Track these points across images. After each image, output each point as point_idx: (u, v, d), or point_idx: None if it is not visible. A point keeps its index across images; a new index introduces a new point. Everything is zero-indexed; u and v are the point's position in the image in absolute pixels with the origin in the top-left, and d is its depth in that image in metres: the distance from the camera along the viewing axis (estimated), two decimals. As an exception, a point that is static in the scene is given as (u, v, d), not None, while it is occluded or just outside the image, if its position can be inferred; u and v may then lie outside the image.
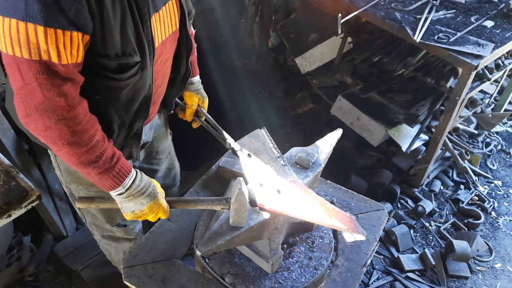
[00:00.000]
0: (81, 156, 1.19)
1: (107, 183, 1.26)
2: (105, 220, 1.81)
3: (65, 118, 1.12)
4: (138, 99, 1.39)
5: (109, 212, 1.77)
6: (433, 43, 2.38)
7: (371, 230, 1.73)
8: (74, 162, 1.21)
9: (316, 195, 1.45)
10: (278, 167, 1.50)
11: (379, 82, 2.98)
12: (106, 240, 1.95)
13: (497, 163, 3.41)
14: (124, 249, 1.97)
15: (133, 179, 1.30)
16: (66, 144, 1.16)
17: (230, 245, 1.46)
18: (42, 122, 1.12)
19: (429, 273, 2.60)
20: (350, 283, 1.54)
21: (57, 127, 1.13)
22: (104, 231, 1.90)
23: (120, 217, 1.84)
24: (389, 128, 2.86)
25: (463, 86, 2.39)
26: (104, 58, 1.18)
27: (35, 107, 1.09)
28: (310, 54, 3.31)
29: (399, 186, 3.00)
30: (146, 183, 1.34)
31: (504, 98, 3.54)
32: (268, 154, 1.55)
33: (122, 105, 1.35)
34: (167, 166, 2.03)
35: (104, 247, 2.03)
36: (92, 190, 1.65)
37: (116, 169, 1.25)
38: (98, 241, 2.02)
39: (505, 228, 2.92)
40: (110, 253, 2.04)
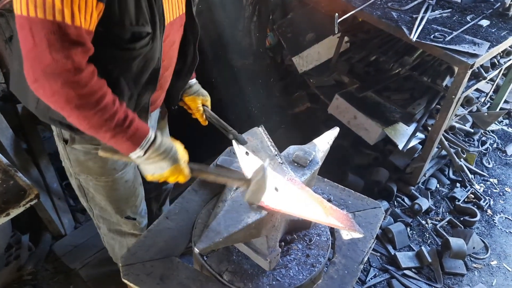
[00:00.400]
0: (91, 119, 1.19)
1: (124, 146, 1.26)
2: (115, 211, 1.81)
3: (71, 81, 1.12)
4: (147, 70, 1.42)
5: (118, 203, 1.79)
6: (429, 42, 2.40)
7: (368, 228, 1.75)
8: (86, 126, 1.21)
9: (313, 193, 1.46)
10: (275, 165, 1.51)
11: (376, 81, 2.99)
12: (112, 234, 1.95)
13: (492, 161, 3.43)
14: (128, 245, 1.97)
15: (151, 141, 1.28)
16: (74, 108, 1.16)
17: (228, 243, 1.47)
18: (49, 86, 1.12)
19: (426, 271, 2.62)
20: (347, 280, 1.55)
21: (63, 91, 1.12)
22: (111, 225, 1.90)
23: (130, 210, 1.85)
24: (385, 127, 2.87)
25: (459, 84, 2.41)
26: (119, 27, 1.21)
27: (43, 70, 1.10)
28: (307, 53, 3.32)
29: (395, 184, 3.02)
30: (168, 147, 1.32)
31: (500, 97, 3.56)
32: (265, 152, 1.56)
33: (132, 76, 1.38)
34: None
35: (108, 242, 2.03)
36: (101, 180, 1.66)
37: (130, 132, 1.24)
38: (103, 236, 2.02)
39: (501, 225, 2.94)
40: (113, 248, 2.04)
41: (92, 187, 1.72)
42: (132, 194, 1.81)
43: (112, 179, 1.68)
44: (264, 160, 1.48)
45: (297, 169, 1.58)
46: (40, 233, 2.48)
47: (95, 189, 1.72)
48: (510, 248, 2.80)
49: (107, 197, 1.75)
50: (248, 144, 1.60)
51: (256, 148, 1.58)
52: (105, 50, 1.23)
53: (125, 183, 1.74)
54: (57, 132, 1.58)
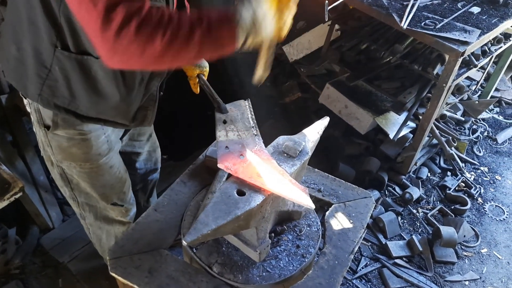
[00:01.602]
0: (182, 35, 1.06)
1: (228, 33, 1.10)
2: (100, 197, 1.78)
3: (141, 21, 1.01)
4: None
5: (104, 189, 1.75)
6: (420, 29, 2.37)
7: (358, 218, 1.74)
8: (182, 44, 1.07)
9: (277, 166, 1.46)
10: (249, 136, 1.57)
11: (367, 69, 2.97)
12: (99, 222, 1.90)
13: (483, 149, 3.44)
14: (116, 233, 1.94)
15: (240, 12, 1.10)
16: (162, 40, 1.04)
17: (217, 235, 1.45)
18: (127, 42, 1.01)
19: (417, 259, 2.63)
20: (337, 271, 1.54)
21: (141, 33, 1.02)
22: (98, 212, 1.86)
23: (117, 196, 1.81)
24: (376, 116, 2.86)
25: (449, 72, 2.39)
26: None
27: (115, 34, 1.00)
28: (298, 42, 3.29)
29: (386, 173, 3.01)
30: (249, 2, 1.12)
31: (491, 85, 3.56)
32: (243, 123, 1.62)
33: None
34: (148, 149, 2.01)
35: (94, 233, 1.98)
36: (86, 166, 1.63)
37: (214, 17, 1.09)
38: (88, 227, 1.96)
39: (491, 213, 2.96)
40: (100, 239, 1.99)
41: (76, 174, 1.68)
42: (118, 180, 1.78)
43: (97, 165, 1.65)
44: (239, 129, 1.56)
45: (286, 159, 1.56)
46: (27, 227, 2.44)
47: (79, 176, 1.68)
48: (500, 236, 2.82)
49: (92, 184, 1.72)
50: (228, 113, 1.67)
51: (235, 118, 1.65)
52: None
53: (110, 169, 1.71)
54: (36, 118, 1.52)
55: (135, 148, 1.94)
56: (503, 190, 3.13)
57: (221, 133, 1.58)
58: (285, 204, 1.63)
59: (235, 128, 1.60)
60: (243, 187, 1.41)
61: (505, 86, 3.88)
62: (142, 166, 2.06)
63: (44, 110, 1.47)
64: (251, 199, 1.36)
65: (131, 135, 1.88)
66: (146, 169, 2.09)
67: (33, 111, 1.50)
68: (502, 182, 3.19)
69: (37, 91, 1.38)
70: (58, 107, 1.42)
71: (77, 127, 1.50)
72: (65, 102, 1.40)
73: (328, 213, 1.75)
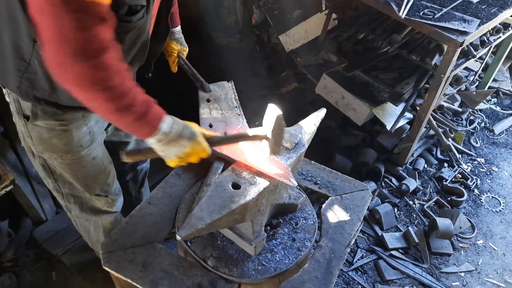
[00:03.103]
0: (119, 101, 1.13)
1: (145, 129, 1.22)
2: (83, 188, 1.75)
3: (99, 61, 1.06)
4: (139, 43, 1.42)
5: (86, 180, 1.73)
6: (418, 19, 2.34)
7: (354, 210, 1.72)
8: (112, 109, 1.15)
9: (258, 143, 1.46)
10: (232, 115, 1.61)
11: (364, 60, 2.93)
12: (86, 214, 1.88)
13: (480, 140, 3.43)
14: (104, 224, 1.92)
15: (168, 123, 1.25)
16: (101, 90, 1.10)
17: (212, 229, 1.43)
18: (75, 69, 1.06)
19: (413, 251, 2.62)
20: (333, 264, 1.53)
21: (89, 72, 1.07)
22: (83, 203, 1.84)
23: (100, 188, 1.79)
24: (373, 107, 2.83)
25: (448, 63, 2.36)
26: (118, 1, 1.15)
27: (68, 52, 1.04)
28: (295, 31, 3.24)
29: (383, 165, 3.00)
30: (182, 125, 1.29)
31: (489, 76, 3.54)
32: (227, 103, 1.65)
33: (125, 49, 1.36)
34: (136, 139, 1.98)
35: (82, 225, 1.96)
36: (67, 158, 1.60)
37: (152, 114, 1.20)
38: (75, 220, 1.94)
39: (488, 205, 2.95)
40: (88, 231, 1.97)
41: (58, 165, 1.65)
42: (101, 172, 1.75)
43: (79, 156, 1.62)
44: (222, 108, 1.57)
45: (282, 152, 1.54)
46: (20, 219, 2.41)
47: (61, 167, 1.66)
48: (496, 227, 2.82)
49: (74, 175, 1.69)
50: (212, 93, 1.70)
51: (219, 98, 1.68)
52: None
53: (92, 160, 1.68)
54: (16, 108, 1.50)
55: (122, 138, 1.91)
56: (500, 182, 3.12)
57: (205, 110, 1.61)
58: (281, 197, 1.61)
59: (219, 107, 1.62)
60: (239, 180, 1.38)
61: (503, 77, 3.86)
62: None
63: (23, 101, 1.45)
64: (246, 193, 1.34)
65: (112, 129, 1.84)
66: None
67: (12, 101, 1.48)
68: (499, 173, 3.18)
69: (16, 83, 1.37)
70: (38, 99, 1.40)
71: (57, 118, 1.48)
72: (45, 94, 1.38)
73: (324, 205, 1.73)
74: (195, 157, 1.33)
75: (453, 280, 2.51)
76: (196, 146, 1.30)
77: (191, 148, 1.29)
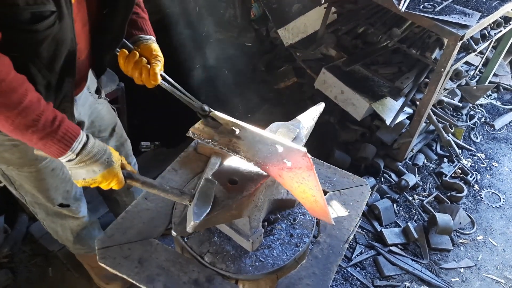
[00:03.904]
0: (15, 120, 1.07)
1: (52, 149, 1.15)
2: (45, 200, 1.71)
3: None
4: (61, 55, 1.26)
5: (48, 192, 1.68)
6: (418, 12, 2.31)
7: (353, 206, 1.70)
8: (9, 128, 1.09)
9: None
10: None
11: (364, 54, 2.91)
12: (52, 217, 1.85)
13: (480, 135, 3.41)
14: (71, 227, 1.89)
15: (83, 143, 1.19)
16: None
17: (209, 225, 1.42)
18: None
19: (412, 247, 2.61)
20: (332, 260, 1.51)
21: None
22: (48, 209, 1.80)
23: (62, 197, 1.74)
24: (373, 102, 2.81)
25: (448, 57, 2.34)
26: (13, 7, 1.05)
27: None
28: (293, 25, 3.21)
29: (382, 160, 2.98)
30: (100, 149, 1.23)
31: (489, 70, 3.51)
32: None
33: (44, 62, 1.23)
34: (115, 144, 1.93)
35: (49, 226, 1.92)
36: (24, 170, 1.55)
37: (60, 133, 1.14)
38: (42, 221, 1.91)
39: (487, 200, 2.93)
40: (56, 231, 1.94)
41: (16, 177, 1.60)
42: (61, 181, 1.70)
43: (36, 169, 1.56)
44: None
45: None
46: (16, 215, 2.39)
47: (20, 179, 1.61)
48: (496, 223, 2.80)
49: (34, 187, 1.64)
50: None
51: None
52: (5, 33, 1.07)
53: (51, 172, 1.62)
54: None
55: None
56: (500, 177, 3.10)
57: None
58: (279, 192, 1.59)
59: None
60: (235, 175, 1.36)
61: (503, 72, 3.83)
62: None
63: None
64: (243, 188, 1.32)
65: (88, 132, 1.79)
66: None
67: None
68: (499, 169, 3.16)
69: None
70: None
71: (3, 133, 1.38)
72: None
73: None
74: (104, 185, 1.27)
75: (452, 276, 2.49)
76: (108, 175, 1.24)
77: (102, 175, 1.23)
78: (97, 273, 2.15)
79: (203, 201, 1.25)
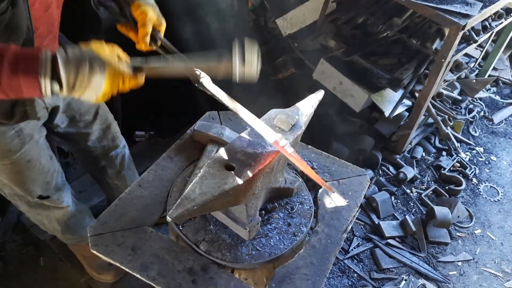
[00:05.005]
0: None
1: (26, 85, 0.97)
2: (23, 193, 1.66)
3: None
4: (16, 43, 1.16)
5: (25, 185, 1.63)
6: (420, 1, 2.27)
7: (352, 196, 1.67)
8: None
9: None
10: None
11: (363, 44, 2.87)
12: (35, 209, 1.79)
13: (479, 129, 3.38)
14: (56, 217, 1.84)
15: (49, 59, 0.98)
16: None
17: (204, 211, 1.38)
18: None
19: (410, 240, 2.58)
20: (330, 249, 1.48)
21: None
22: (29, 201, 1.74)
23: (41, 188, 1.68)
24: (372, 93, 2.77)
25: (449, 47, 2.30)
26: None
27: None
28: (292, 15, 3.16)
29: (380, 152, 2.94)
30: (82, 55, 0.99)
31: (489, 64, 3.49)
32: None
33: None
34: (100, 127, 1.87)
35: (34, 218, 1.86)
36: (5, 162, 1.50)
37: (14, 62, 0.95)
38: (26, 213, 1.85)
39: (486, 194, 2.91)
40: (43, 223, 1.89)
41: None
42: (39, 173, 1.64)
43: (11, 161, 1.51)
44: None
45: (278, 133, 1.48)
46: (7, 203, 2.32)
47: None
48: (494, 217, 2.78)
49: (10, 180, 1.59)
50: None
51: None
52: None
53: (28, 163, 1.56)
54: None
55: (81, 129, 1.80)
56: (498, 171, 3.08)
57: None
58: (277, 181, 1.56)
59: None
60: (233, 161, 1.32)
61: (503, 65, 3.81)
62: (97, 145, 1.92)
63: None
64: (240, 174, 1.28)
65: (70, 117, 1.72)
66: (103, 147, 1.95)
67: None
68: (497, 163, 3.14)
69: None
70: None
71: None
72: None
73: (321, 190, 1.67)
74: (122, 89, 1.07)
75: (450, 269, 2.47)
76: (114, 77, 1.02)
77: (108, 82, 1.02)
78: (89, 263, 2.11)
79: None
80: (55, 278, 2.17)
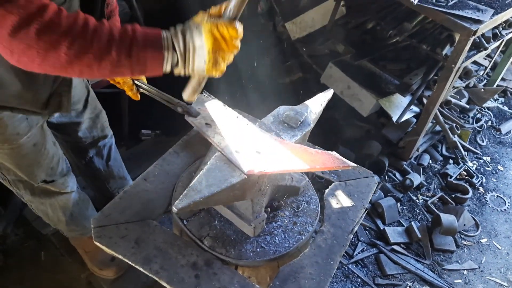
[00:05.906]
0: (91, 49, 0.98)
1: (149, 58, 1.03)
2: (27, 177, 1.64)
3: (44, 25, 0.93)
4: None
5: (30, 169, 1.61)
6: (431, 6, 2.26)
7: (359, 197, 1.65)
8: (94, 59, 0.99)
9: (294, 144, 1.37)
10: (243, 127, 1.39)
11: (372, 49, 2.86)
12: (39, 198, 1.77)
13: (486, 139, 3.36)
14: (61, 205, 1.82)
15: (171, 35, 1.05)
16: (69, 50, 0.96)
17: (210, 204, 1.36)
18: (25, 45, 0.94)
19: (415, 247, 2.55)
20: (335, 250, 1.45)
21: (43, 39, 0.94)
22: (33, 187, 1.72)
23: (46, 173, 1.67)
24: (380, 98, 2.76)
25: (459, 53, 2.29)
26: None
27: (10, 33, 0.92)
28: (301, 19, 3.17)
29: (387, 158, 2.92)
30: (184, 26, 1.06)
31: (497, 74, 3.47)
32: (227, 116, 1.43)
33: None
34: (89, 116, 1.87)
35: (38, 208, 1.84)
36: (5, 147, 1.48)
37: (141, 37, 1.01)
38: (30, 204, 1.83)
39: (492, 203, 2.88)
40: (47, 213, 1.86)
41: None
42: (45, 157, 1.63)
43: (18, 145, 1.50)
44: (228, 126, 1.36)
45: (286, 129, 1.48)
46: (10, 196, 2.31)
47: (1, 158, 1.54)
48: (500, 226, 2.74)
49: (15, 165, 1.58)
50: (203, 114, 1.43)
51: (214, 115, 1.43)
52: None
53: (33, 147, 1.56)
54: None
55: (73, 118, 1.80)
56: (505, 181, 3.05)
57: (217, 139, 1.34)
58: (283, 178, 1.54)
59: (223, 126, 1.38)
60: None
61: (511, 76, 3.79)
62: (87, 135, 1.92)
63: None
64: (248, 167, 1.26)
65: None
66: (93, 136, 1.95)
67: None
68: (505, 173, 3.11)
69: None
70: None
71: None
72: None
73: (327, 191, 1.66)
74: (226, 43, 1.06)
75: (455, 277, 2.43)
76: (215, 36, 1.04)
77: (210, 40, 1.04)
78: (91, 258, 2.09)
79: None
80: (56, 272, 2.14)
